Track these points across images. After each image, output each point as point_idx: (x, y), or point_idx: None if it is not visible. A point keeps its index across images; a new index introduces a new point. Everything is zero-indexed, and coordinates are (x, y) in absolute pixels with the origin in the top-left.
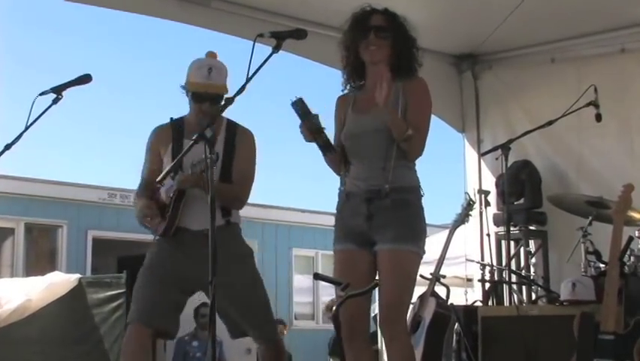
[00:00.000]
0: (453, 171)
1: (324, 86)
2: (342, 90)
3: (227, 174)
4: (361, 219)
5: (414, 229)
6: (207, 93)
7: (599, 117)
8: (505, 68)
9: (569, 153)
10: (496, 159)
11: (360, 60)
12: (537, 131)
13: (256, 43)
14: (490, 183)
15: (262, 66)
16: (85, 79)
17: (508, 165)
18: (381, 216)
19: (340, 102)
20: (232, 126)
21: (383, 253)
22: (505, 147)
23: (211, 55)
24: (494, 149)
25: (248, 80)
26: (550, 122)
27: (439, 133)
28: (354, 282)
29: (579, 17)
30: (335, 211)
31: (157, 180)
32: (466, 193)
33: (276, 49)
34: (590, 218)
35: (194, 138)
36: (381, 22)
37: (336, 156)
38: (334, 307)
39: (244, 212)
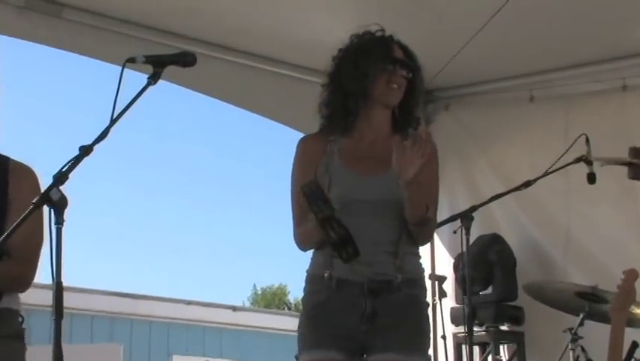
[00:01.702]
0: None
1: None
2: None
3: None
4: (357, 318)
5: (426, 336)
6: None
7: (592, 178)
8: (468, 108)
9: (552, 225)
10: (454, 232)
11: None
12: (510, 195)
13: (127, 70)
14: (446, 265)
15: (133, 103)
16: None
17: (471, 240)
18: (389, 316)
19: (311, 145)
20: (1, 165)
21: None
22: (466, 216)
23: None
24: (452, 219)
25: (113, 121)
26: (527, 183)
27: None
28: None
29: (567, 42)
30: (305, 303)
31: None
32: None
33: (152, 78)
34: (582, 316)
35: (34, 201)
36: (403, 56)
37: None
38: None
39: (103, 305)
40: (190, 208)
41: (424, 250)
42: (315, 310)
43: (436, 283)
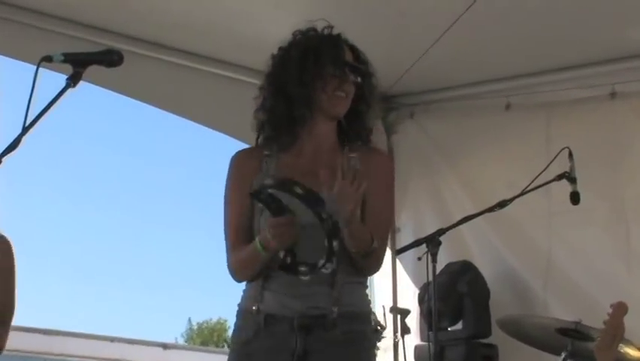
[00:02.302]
0: None
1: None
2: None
3: None
4: (288, 358)
5: None
6: None
7: (575, 197)
8: (435, 116)
9: (531, 252)
10: (419, 259)
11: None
12: (484, 216)
13: (43, 70)
14: (410, 297)
15: (49, 108)
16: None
17: (439, 269)
18: (323, 356)
19: (245, 161)
20: None
21: None
22: (433, 241)
23: None
24: (417, 243)
25: (25, 129)
26: (503, 204)
27: None
28: None
29: (549, 43)
30: (232, 341)
31: None
32: (373, 314)
33: (72, 80)
34: (564, 355)
35: None
36: (352, 58)
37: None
38: None
39: (12, 342)
40: (114, 228)
41: (384, 280)
42: (243, 349)
43: (398, 317)
